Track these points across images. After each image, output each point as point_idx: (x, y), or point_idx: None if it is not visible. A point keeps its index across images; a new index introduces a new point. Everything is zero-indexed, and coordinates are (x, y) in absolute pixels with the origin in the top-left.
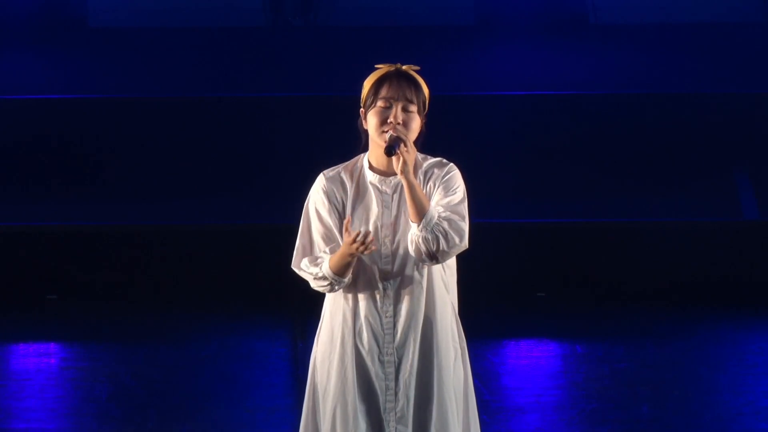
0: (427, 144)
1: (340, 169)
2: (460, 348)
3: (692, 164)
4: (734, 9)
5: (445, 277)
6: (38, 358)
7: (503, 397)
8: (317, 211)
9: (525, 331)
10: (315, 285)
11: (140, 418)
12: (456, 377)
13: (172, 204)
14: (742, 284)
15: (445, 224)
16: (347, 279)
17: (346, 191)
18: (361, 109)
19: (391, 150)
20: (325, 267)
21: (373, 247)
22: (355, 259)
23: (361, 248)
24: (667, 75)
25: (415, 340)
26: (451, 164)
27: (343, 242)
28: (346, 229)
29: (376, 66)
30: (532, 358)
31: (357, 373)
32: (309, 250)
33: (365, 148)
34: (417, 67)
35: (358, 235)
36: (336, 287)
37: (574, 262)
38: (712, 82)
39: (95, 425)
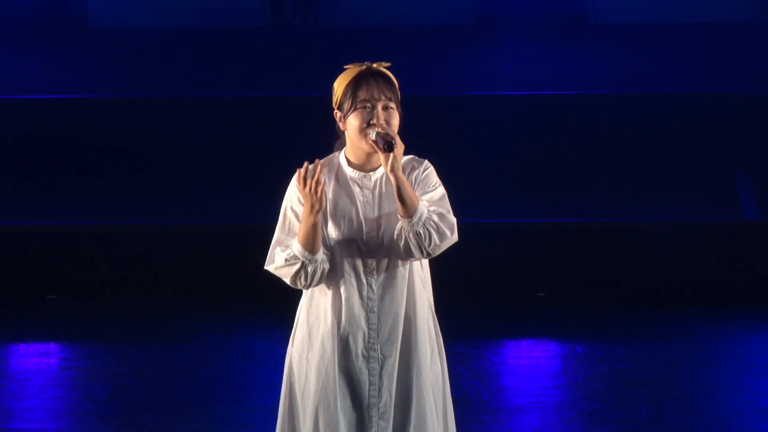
0: (426, 144)
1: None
2: (437, 344)
3: (692, 164)
4: (734, 9)
5: (422, 273)
6: (38, 358)
7: (503, 397)
8: (293, 210)
9: (525, 331)
10: (288, 274)
11: (140, 418)
12: (433, 374)
13: (172, 204)
14: (743, 284)
15: (436, 218)
16: (319, 256)
17: (325, 187)
18: (336, 112)
19: (391, 146)
20: (295, 245)
21: (322, 178)
22: (320, 225)
23: (312, 183)
24: (667, 75)
25: (398, 336)
26: (426, 161)
27: (304, 213)
28: (301, 179)
29: (346, 66)
30: (532, 358)
31: (339, 370)
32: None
33: (341, 146)
34: (388, 64)
35: (309, 177)
36: (309, 268)
37: (574, 262)
38: (712, 82)
39: (95, 425)
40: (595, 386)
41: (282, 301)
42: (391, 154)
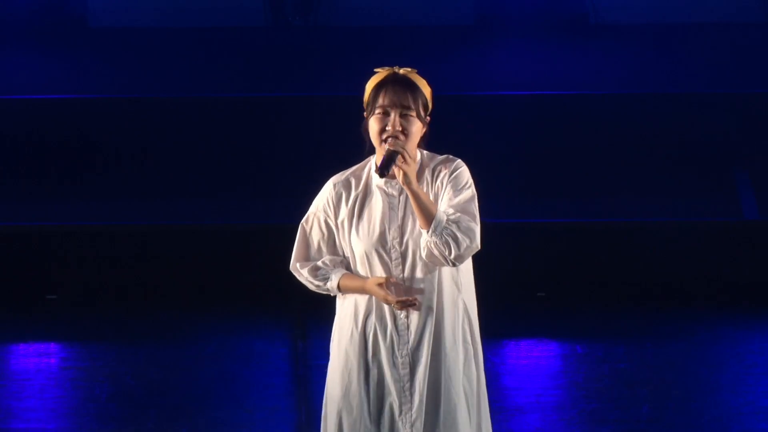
0: (428, 144)
1: (349, 174)
2: (473, 348)
3: (692, 164)
4: (734, 9)
5: (456, 276)
6: (38, 358)
7: (503, 397)
8: (318, 219)
9: (525, 331)
10: (313, 289)
11: (140, 418)
12: (467, 378)
13: (172, 204)
14: (742, 284)
15: (454, 227)
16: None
17: (352, 195)
18: (365, 113)
19: (383, 172)
20: (333, 285)
21: (414, 307)
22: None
23: (399, 307)
24: (667, 75)
25: (428, 341)
26: (459, 160)
27: (372, 283)
28: (383, 285)
29: (375, 70)
30: (532, 358)
31: (365, 377)
32: (307, 255)
33: (371, 151)
34: (414, 70)
35: (406, 300)
36: (332, 293)
37: (574, 262)
38: (712, 82)
39: (95, 425)
40: (595, 386)
41: (282, 301)
42: (401, 170)
